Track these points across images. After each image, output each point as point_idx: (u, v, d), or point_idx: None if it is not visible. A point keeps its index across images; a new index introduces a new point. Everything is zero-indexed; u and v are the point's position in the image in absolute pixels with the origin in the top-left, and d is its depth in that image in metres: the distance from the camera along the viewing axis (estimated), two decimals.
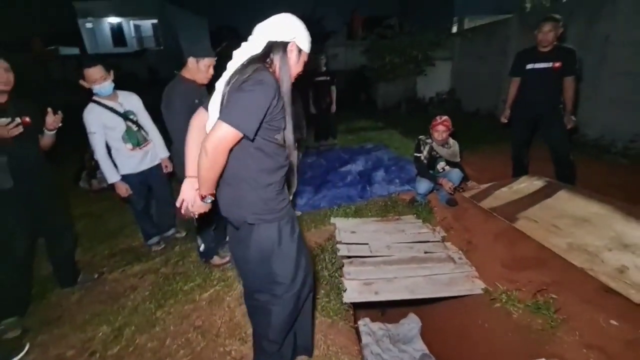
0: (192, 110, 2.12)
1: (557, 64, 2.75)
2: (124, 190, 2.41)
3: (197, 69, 2.16)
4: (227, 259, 2.51)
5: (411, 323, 2.74)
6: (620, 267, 1.89)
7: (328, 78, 5.16)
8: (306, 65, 1.29)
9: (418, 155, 3.09)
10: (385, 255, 2.54)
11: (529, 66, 2.91)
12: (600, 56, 4.58)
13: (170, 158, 2.65)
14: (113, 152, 2.38)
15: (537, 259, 2.19)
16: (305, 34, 1.21)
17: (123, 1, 18.49)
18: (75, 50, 18.61)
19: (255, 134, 1.11)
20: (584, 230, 2.29)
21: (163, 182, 2.71)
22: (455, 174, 2.98)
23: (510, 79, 3.14)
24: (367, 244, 2.69)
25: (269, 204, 1.25)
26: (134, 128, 2.45)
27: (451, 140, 3.07)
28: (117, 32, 19.79)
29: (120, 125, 2.37)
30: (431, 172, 3.07)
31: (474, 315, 2.12)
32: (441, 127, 2.97)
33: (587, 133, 4.70)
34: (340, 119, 6.25)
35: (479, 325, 2.07)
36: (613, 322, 1.64)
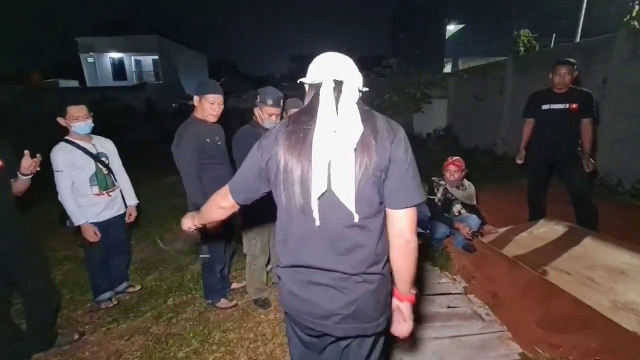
0: (201, 149, 2.08)
1: (574, 105, 2.71)
2: (91, 233, 2.21)
3: (201, 106, 2.12)
4: (235, 302, 2.43)
5: None
6: None
7: None
8: None
9: (432, 197, 2.94)
10: None
11: (545, 107, 2.86)
12: (599, 98, 4.65)
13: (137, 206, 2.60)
14: (75, 196, 2.19)
15: (577, 319, 1.96)
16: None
17: (125, 38, 19.06)
18: (74, 83, 18.85)
19: None
20: (623, 284, 2.09)
21: (123, 232, 2.55)
22: (473, 219, 2.82)
23: (524, 120, 3.09)
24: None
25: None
26: (104, 171, 2.32)
27: (466, 182, 2.93)
28: (118, 66, 20.21)
29: (90, 165, 2.24)
30: (446, 215, 2.90)
31: None
32: (452, 166, 2.85)
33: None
34: None
35: None
36: None
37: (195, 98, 2.12)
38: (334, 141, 0.85)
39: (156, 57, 19.72)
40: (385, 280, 0.99)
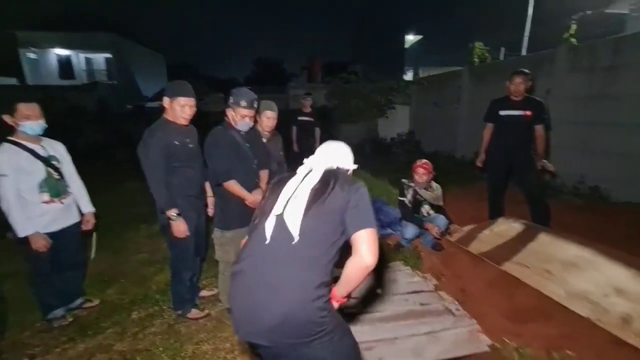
0: (170, 152, 1.98)
1: (529, 113, 2.95)
2: (42, 243, 2.02)
3: (172, 108, 2.04)
4: (207, 312, 2.32)
5: None
6: (625, 316, 1.87)
7: (312, 119, 5.37)
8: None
9: (402, 199, 3.03)
10: (380, 311, 2.33)
11: (503, 112, 3.09)
12: None
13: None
14: (22, 205, 1.97)
15: (539, 309, 2.12)
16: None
17: (75, 34, 17.62)
18: (12, 81, 17.06)
19: None
20: (576, 275, 2.29)
21: (77, 243, 2.35)
22: (441, 219, 2.95)
23: (485, 125, 3.30)
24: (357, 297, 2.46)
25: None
26: (55, 176, 2.12)
27: (434, 184, 3.07)
28: (65, 64, 18.62)
29: (40, 170, 2.04)
30: (416, 215, 3.01)
31: None
32: (421, 169, 2.98)
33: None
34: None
35: None
36: None
37: (166, 100, 2.03)
38: (301, 184, 1.17)
39: (110, 55, 18.46)
40: (322, 309, 1.07)
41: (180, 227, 2.03)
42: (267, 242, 1.10)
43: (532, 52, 8.13)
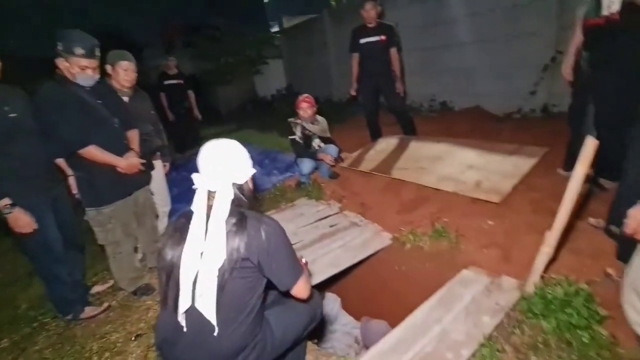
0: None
1: (383, 37, 3.23)
2: None
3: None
4: (106, 304, 2.01)
5: (330, 303, 2.75)
6: (476, 182, 2.39)
7: (182, 81, 4.86)
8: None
9: (293, 137, 3.07)
10: (296, 242, 2.41)
11: (362, 40, 3.31)
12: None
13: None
14: None
15: (420, 197, 2.53)
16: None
17: None
18: None
19: None
20: (441, 165, 2.79)
21: None
22: (333, 148, 3.12)
23: (351, 55, 3.49)
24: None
25: None
26: None
27: (319, 117, 3.18)
28: None
29: None
30: (310, 150, 3.11)
31: (391, 263, 2.27)
32: (304, 104, 3.04)
33: None
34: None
35: (398, 271, 2.23)
36: (490, 222, 2.05)
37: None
38: (200, 264, 0.96)
39: None
40: None
41: (19, 220, 1.60)
42: (185, 330, 0.99)
43: None
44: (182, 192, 3.56)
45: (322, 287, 2.45)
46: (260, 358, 1.05)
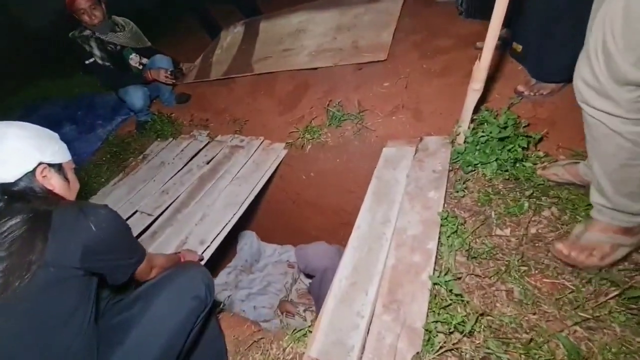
0: None
1: None
2: None
3: None
4: None
5: (246, 241, 2.40)
6: (353, 44, 1.98)
7: None
8: None
9: (91, 61, 1.98)
10: (171, 203, 1.74)
11: None
12: None
13: None
14: None
15: (300, 85, 2.04)
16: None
17: None
18: None
19: None
20: (306, 37, 2.26)
21: None
22: (162, 59, 2.19)
23: None
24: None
25: None
26: None
27: (118, 18, 2.09)
28: None
29: None
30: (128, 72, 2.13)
31: (297, 173, 1.87)
32: (82, 1, 1.87)
33: None
34: None
35: (308, 179, 1.86)
36: (385, 84, 1.74)
37: None
38: None
39: None
40: None
41: None
42: None
43: None
44: None
45: (234, 232, 1.95)
46: None
